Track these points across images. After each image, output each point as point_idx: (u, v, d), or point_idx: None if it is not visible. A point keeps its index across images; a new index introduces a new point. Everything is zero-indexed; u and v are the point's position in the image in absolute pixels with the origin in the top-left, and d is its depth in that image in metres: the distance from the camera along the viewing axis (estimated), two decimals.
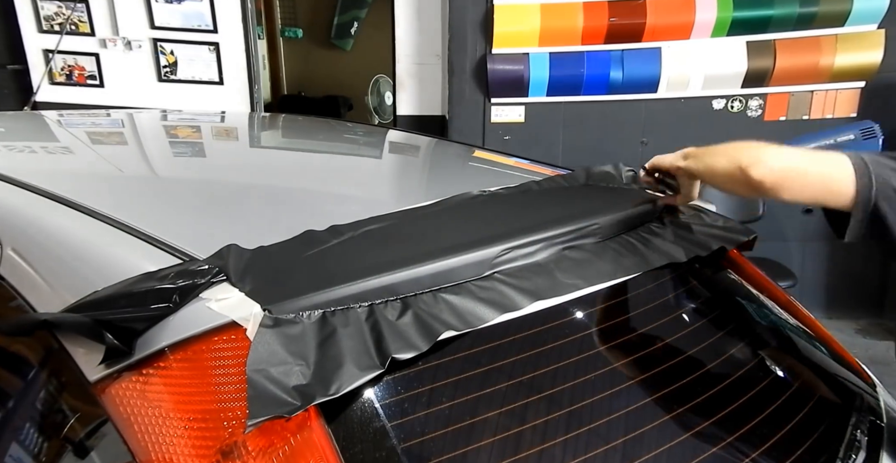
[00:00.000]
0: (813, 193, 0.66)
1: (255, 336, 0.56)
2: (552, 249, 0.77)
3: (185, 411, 0.55)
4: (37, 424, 0.67)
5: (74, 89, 3.10)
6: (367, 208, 0.83)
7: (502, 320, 0.69)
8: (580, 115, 2.79)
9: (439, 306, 0.67)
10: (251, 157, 1.41)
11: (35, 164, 1.13)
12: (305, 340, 0.57)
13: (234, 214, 0.89)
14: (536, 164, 1.29)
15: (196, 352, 0.57)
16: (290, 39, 4.67)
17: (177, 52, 3.08)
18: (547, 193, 0.99)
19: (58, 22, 2.97)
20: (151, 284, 0.60)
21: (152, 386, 0.57)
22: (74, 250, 0.73)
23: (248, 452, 0.54)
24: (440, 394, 0.62)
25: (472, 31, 2.73)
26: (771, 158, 0.67)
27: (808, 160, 0.66)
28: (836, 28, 2.62)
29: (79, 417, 0.62)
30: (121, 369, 0.58)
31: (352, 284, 0.63)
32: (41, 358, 0.68)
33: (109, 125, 1.65)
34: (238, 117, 2.24)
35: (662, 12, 2.60)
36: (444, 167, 1.38)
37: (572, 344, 0.75)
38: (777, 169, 0.65)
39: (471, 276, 0.71)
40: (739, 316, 0.93)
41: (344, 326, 0.60)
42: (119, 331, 0.58)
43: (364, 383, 0.58)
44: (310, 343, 0.57)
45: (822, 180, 0.66)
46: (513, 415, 0.65)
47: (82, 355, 0.61)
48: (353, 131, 1.75)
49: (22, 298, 0.69)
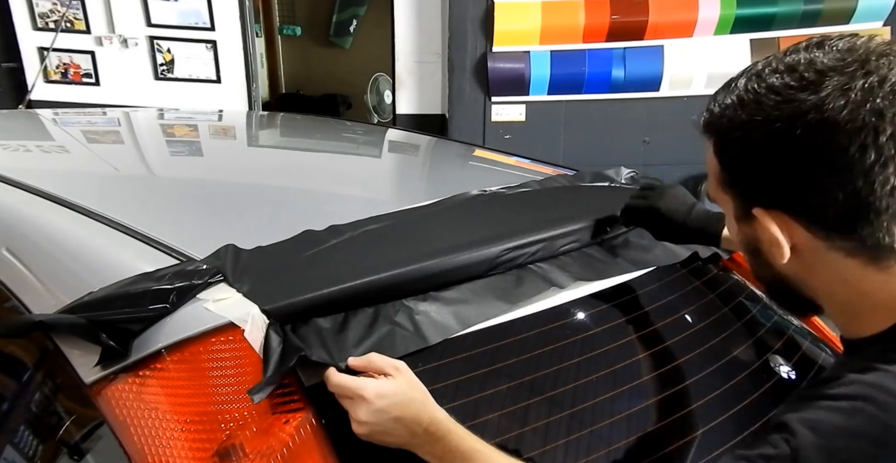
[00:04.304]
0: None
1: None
2: (552, 249, 0.77)
3: (182, 413, 0.55)
4: (32, 427, 0.66)
5: (70, 88, 3.08)
6: (366, 208, 0.83)
7: (502, 321, 0.69)
8: (582, 113, 2.79)
9: (439, 306, 0.66)
10: (249, 156, 1.40)
11: (30, 164, 1.12)
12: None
13: (231, 214, 0.88)
14: (537, 163, 1.28)
15: (193, 353, 0.57)
16: (289, 37, 4.66)
17: (174, 50, 3.07)
18: (548, 193, 0.98)
19: (53, 19, 2.95)
20: (148, 285, 0.60)
21: (149, 388, 0.56)
22: (70, 250, 0.72)
23: (245, 455, 0.53)
24: (440, 395, 0.62)
25: (472, 29, 2.73)
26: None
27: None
28: (840, 25, 2.62)
29: (74, 420, 0.62)
30: (117, 371, 0.57)
31: (351, 284, 0.62)
32: (36, 360, 0.68)
33: (105, 124, 1.64)
34: (236, 116, 2.23)
35: (665, 10, 2.60)
36: (444, 167, 1.37)
37: (573, 345, 0.74)
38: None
39: (472, 275, 0.70)
40: (742, 317, 0.92)
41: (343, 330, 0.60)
42: (115, 332, 0.57)
43: None
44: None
45: None
46: (514, 416, 0.65)
47: (78, 357, 0.60)
48: (352, 130, 1.74)
49: (17, 299, 0.68)
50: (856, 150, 0.40)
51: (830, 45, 0.44)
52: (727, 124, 0.46)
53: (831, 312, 0.50)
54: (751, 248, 0.50)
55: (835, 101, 0.41)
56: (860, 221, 0.42)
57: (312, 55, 4.65)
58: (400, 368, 0.58)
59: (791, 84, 0.43)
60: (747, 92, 0.45)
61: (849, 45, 0.44)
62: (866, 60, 0.42)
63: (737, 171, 0.47)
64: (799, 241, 0.46)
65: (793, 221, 0.45)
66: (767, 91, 0.44)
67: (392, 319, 0.64)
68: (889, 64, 0.42)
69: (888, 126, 0.40)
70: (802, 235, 0.45)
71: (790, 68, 0.44)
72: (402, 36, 2.97)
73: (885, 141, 0.40)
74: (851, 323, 0.48)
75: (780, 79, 0.44)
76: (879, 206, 0.41)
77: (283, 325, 0.59)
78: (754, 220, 0.47)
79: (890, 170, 0.41)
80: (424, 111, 3.06)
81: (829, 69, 0.42)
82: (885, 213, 0.42)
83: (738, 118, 0.45)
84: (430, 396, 0.58)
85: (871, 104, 0.40)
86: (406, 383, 0.57)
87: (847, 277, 0.46)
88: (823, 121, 0.41)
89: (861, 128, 0.40)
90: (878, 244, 0.43)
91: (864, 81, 0.41)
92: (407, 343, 0.63)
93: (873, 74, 0.41)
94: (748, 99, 0.45)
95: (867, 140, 0.40)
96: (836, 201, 0.42)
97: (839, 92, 0.41)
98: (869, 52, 0.42)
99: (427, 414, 0.56)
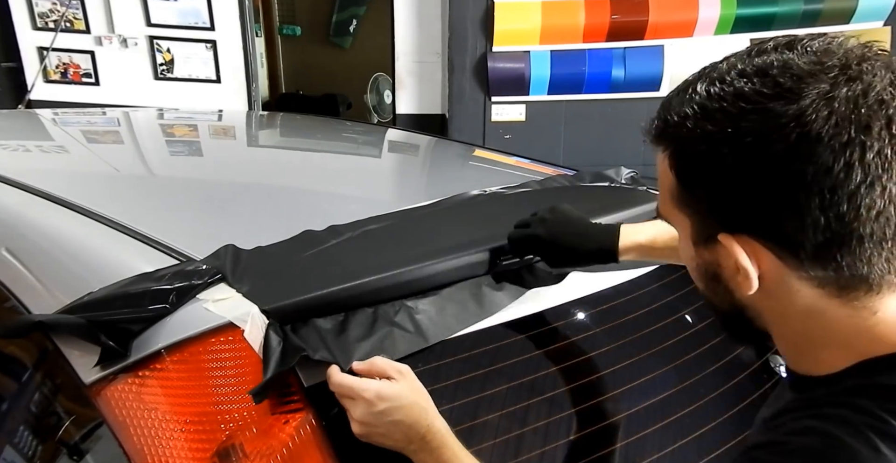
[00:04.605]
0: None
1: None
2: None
3: (182, 414, 0.55)
4: (31, 427, 0.66)
5: (69, 87, 3.08)
6: (366, 208, 0.82)
7: (503, 321, 0.69)
8: (582, 113, 2.79)
9: (440, 306, 0.66)
10: (249, 156, 1.40)
11: (30, 164, 1.12)
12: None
13: (231, 214, 0.88)
14: (537, 163, 1.28)
15: (193, 353, 0.57)
16: (289, 37, 4.65)
17: (173, 50, 3.07)
18: (548, 194, 0.98)
19: (52, 19, 2.95)
20: (148, 285, 0.60)
21: (148, 388, 0.56)
22: (69, 251, 0.72)
23: (245, 455, 0.53)
24: (440, 396, 0.62)
25: (472, 29, 2.72)
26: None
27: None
28: (841, 25, 2.62)
29: (74, 420, 0.62)
30: (116, 371, 0.57)
31: (350, 284, 0.62)
32: (35, 360, 0.68)
33: (105, 124, 1.64)
34: (236, 116, 2.23)
35: (665, 9, 2.60)
36: (444, 167, 1.37)
37: (572, 345, 0.74)
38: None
39: (472, 275, 0.70)
40: None
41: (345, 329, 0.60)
42: (115, 332, 0.57)
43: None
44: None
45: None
46: (514, 417, 0.64)
47: (77, 357, 0.60)
48: (352, 130, 1.74)
49: (16, 299, 0.68)
50: (840, 169, 0.35)
51: (803, 46, 0.38)
52: (687, 136, 0.40)
53: (783, 345, 0.45)
54: (709, 274, 0.44)
55: (817, 113, 0.35)
56: (842, 249, 0.37)
57: (312, 55, 4.64)
58: (403, 372, 0.57)
59: (763, 91, 0.37)
60: (710, 99, 0.39)
61: (824, 47, 0.38)
62: (846, 65, 0.37)
63: (698, 190, 0.41)
64: (767, 269, 0.40)
65: (762, 248, 0.39)
66: (735, 98, 0.38)
67: (392, 319, 0.64)
68: (872, 69, 0.37)
69: (876, 142, 0.35)
70: (771, 263, 0.40)
71: (761, 72, 0.38)
72: (402, 36, 2.97)
73: (871, 158, 0.35)
74: (804, 359, 0.43)
75: (749, 84, 0.38)
76: (864, 232, 0.36)
77: (283, 325, 0.59)
78: (717, 245, 0.41)
79: (877, 191, 0.36)
80: (424, 111, 3.06)
81: (806, 74, 0.37)
82: (870, 240, 0.37)
83: (701, 129, 0.39)
84: (432, 404, 0.57)
85: (857, 116, 0.35)
86: (409, 388, 0.56)
87: (811, 310, 0.40)
88: (804, 135, 0.35)
89: (846, 143, 0.35)
90: (854, 274, 0.38)
91: (848, 90, 0.36)
92: (407, 343, 0.63)
93: (856, 81, 0.36)
94: (712, 107, 0.39)
95: (853, 157, 0.35)
96: (816, 227, 0.36)
97: (822, 102, 0.36)
98: (848, 56, 0.37)
99: (426, 421, 0.55)
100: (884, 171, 0.35)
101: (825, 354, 0.41)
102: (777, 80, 0.37)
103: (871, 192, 0.36)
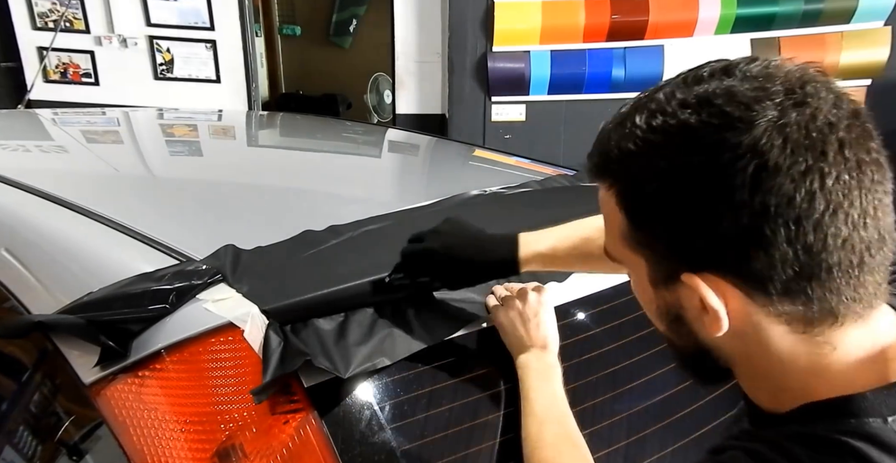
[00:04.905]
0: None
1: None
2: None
3: (182, 414, 0.55)
4: (31, 427, 0.66)
5: (69, 87, 3.08)
6: (366, 208, 0.82)
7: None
8: (582, 113, 2.78)
9: (441, 306, 0.66)
10: (249, 156, 1.40)
11: (29, 164, 1.12)
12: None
13: (231, 214, 0.88)
14: (538, 163, 1.28)
15: (192, 353, 0.57)
16: (288, 37, 4.65)
17: (173, 50, 3.06)
18: (549, 193, 0.98)
19: (52, 19, 2.95)
20: (147, 285, 0.60)
21: (148, 388, 0.56)
22: (69, 251, 0.72)
23: (245, 455, 0.53)
24: (440, 396, 0.62)
25: (472, 29, 2.72)
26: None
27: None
28: (841, 25, 2.62)
29: (73, 420, 0.62)
30: (116, 371, 0.57)
31: (351, 284, 0.62)
32: (35, 360, 0.68)
33: (105, 124, 1.64)
34: (235, 116, 2.23)
35: (665, 9, 2.60)
36: (444, 167, 1.37)
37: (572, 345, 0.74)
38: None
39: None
40: None
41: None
42: (114, 332, 0.57)
43: (363, 384, 0.57)
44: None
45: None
46: (514, 418, 0.64)
47: (77, 357, 0.60)
48: (352, 130, 1.74)
49: (16, 300, 0.68)
50: (803, 199, 0.34)
51: (741, 71, 0.37)
52: (635, 173, 0.38)
53: (745, 382, 0.43)
54: (671, 316, 0.42)
55: (772, 141, 0.34)
56: (812, 281, 0.36)
57: (312, 55, 4.64)
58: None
59: (712, 122, 0.35)
60: (654, 131, 0.37)
61: (765, 72, 0.36)
62: (790, 90, 0.35)
63: (654, 230, 0.39)
64: (733, 307, 0.38)
65: (729, 285, 0.37)
66: (682, 130, 0.36)
67: (392, 319, 0.64)
68: (816, 91, 0.35)
69: (833, 168, 0.34)
70: (739, 301, 0.38)
71: (704, 101, 0.36)
72: (402, 36, 2.97)
73: (832, 185, 0.34)
74: (763, 395, 0.42)
75: (694, 115, 0.36)
76: (832, 261, 0.35)
77: (283, 325, 0.59)
78: (679, 285, 0.39)
79: (840, 218, 0.34)
80: (424, 111, 3.06)
81: (753, 101, 0.35)
82: (838, 269, 0.35)
83: (649, 166, 0.37)
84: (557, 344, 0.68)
85: (811, 141, 0.34)
86: (554, 322, 0.68)
87: (776, 348, 0.39)
88: (763, 166, 0.34)
89: (805, 172, 0.34)
90: (823, 308, 0.37)
91: (797, 115, 0.34)
92: (408, 343, 0.63)
93: (804, 106, 0.35)
94: (657, 141, 0.37)
95: (814, 186, 0.34)
96: (784, 260, 0.35)
97: (774, 130, 0.34)
98: (790, 79, 0.36)
99: (555, 343, 0.67)
100: (844, 198, 0.35)
101: (782, 394, 0.40)
102: (723, 110, 0.35)
103: (835, 219, 0.35)
